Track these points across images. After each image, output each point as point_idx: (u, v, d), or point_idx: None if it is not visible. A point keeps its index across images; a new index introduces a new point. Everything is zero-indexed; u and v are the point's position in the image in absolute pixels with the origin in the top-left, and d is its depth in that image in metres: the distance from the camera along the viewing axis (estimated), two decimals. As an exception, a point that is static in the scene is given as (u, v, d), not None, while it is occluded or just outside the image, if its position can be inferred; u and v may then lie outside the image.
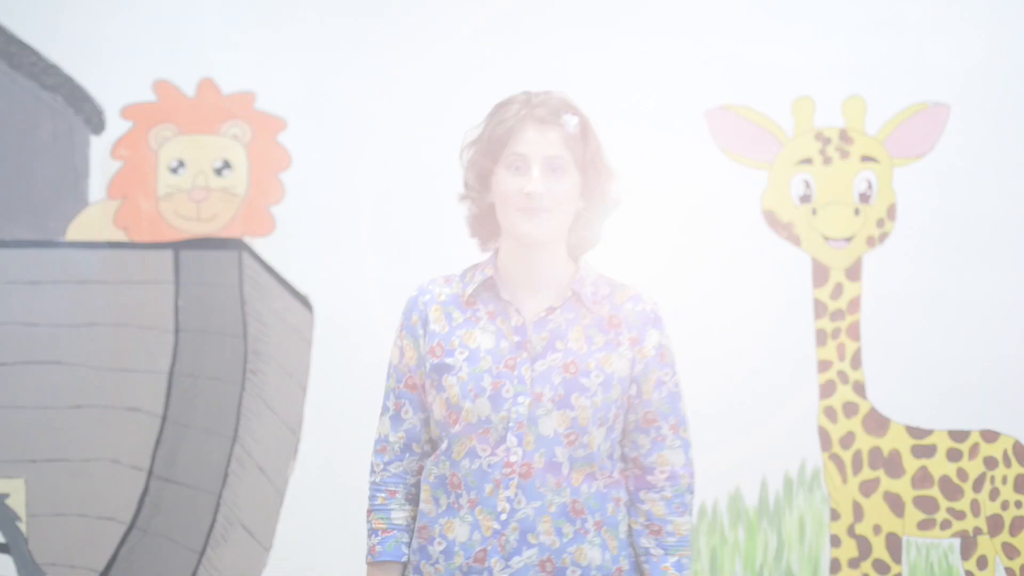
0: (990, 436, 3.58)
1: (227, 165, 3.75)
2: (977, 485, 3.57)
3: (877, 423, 3.60)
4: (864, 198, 3.64)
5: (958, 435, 3.58)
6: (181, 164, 3.75)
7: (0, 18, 3.76)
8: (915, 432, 3.60)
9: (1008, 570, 3.56)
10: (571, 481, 2.31)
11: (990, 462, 3.57)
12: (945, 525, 3.57)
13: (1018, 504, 3.56)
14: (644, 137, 3.69)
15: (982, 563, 3.56)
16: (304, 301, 3.72)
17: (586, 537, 2.32)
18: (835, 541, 3.61)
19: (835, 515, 3.61)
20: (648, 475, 2.38)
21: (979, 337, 3.59)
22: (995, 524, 3.56)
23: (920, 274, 3.62)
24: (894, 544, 3.59)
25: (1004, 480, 3.57)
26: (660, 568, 2.37)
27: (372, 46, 3.73)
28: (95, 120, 3.75)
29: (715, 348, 3.63)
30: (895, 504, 3.59)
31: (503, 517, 2.30)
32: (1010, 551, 3.56)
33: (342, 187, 3.73)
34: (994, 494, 3.57)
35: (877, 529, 3.59)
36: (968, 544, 3.57)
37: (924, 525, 3.58)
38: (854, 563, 3.59)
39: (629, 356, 2.35)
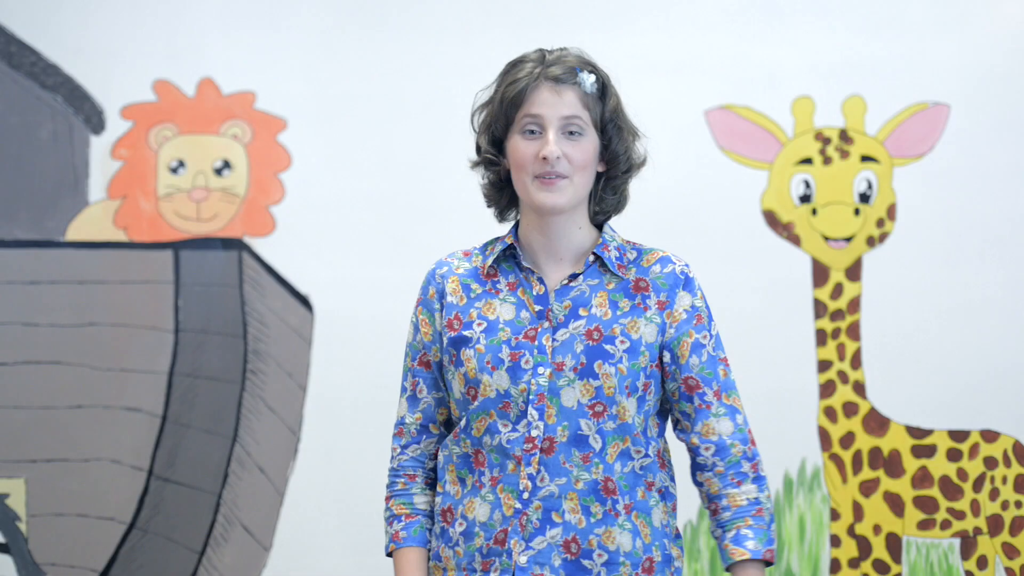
0: (990, 436, 3.58)
1: (227, 165, 3.75)
2: (977, 485, 3.57)
3: (877, 423, 3.60)
4: (864, 198, 3.64)
5: (958, 435, 3.58)
6: (181, 164, 3.75)
7: (0, 18, 3.76)
8: (915, 432, 3.60)
9: (1008, 570, 3.56)
10: (604, 457, 2.18)
11: (990, 462, 3.57)
12: (945, 525, 3.57)
13: (1018, 504, 3.56)
14: (644, 137, 3.69)
15: (982, 563, 3.56)
16: (304, 301, 3.72)
17: (616, 520, 2.18)
18: (835, 541, 3.61)
19: (835, 515, 3.61)
20: (698, 456, 2.25)
21: (979, 337, 3.59)
22: (995, 524, 3.56)
23: (920, 274, 3.62)
24: (894, 544, 3.59)
25: (1004, 480, 3.57)
26: (721, 548, 2.23)
27: (372, 45, 3.73)
28: (95, 120, 3.75)
29: (715, 348, 3.62)
30: (895, 504, 3.59)
31: (525, 496, 2.16)
32: (1010, 551, 3.56)
33: (342, 187, 3.73)
34: (994, 494, 3.57)
35: (877, 529, 3.59)
36: (968, 544, 3.57)
37: (924, 525, 3.58)
38: (854, 563, 3.59)
39: (658, 321, 2.22)
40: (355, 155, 3.73)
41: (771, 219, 3.66)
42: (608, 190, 2.29)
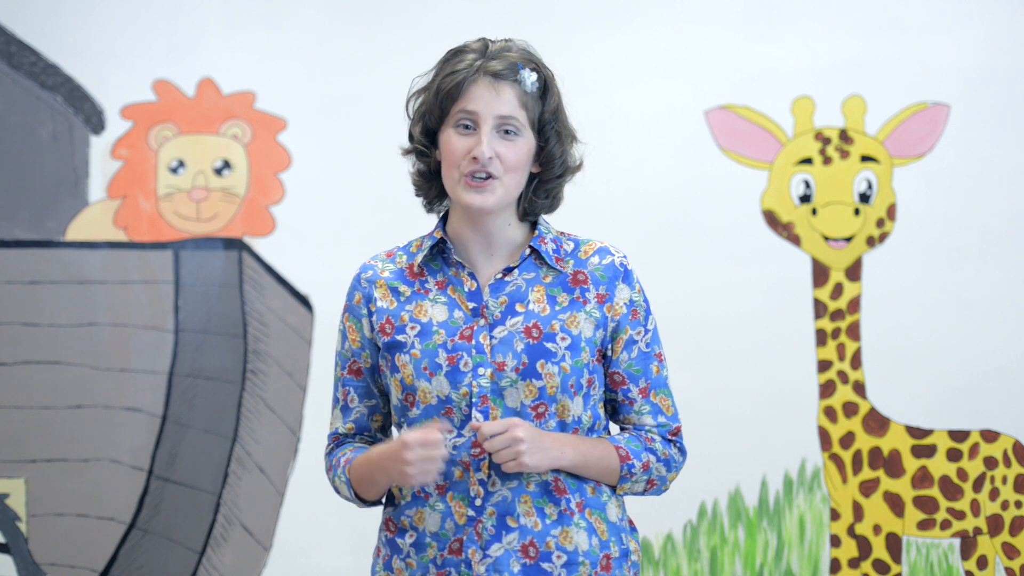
0: (990, 436, 3.58)
1: (227, 165, 3.75)
2: (977, 485, 3.57)
3: (877, 423, 3.60)
4: (864, 198, 3.64)
5: (958, 435, 3.58)
6: (181, 164, 3.75)
7: (0, 18, 3.76)
8: (915, 432, 3.60)
9: (1008, 570, 3.56)
10: None
11: (990, 462, 3.57)
12: (945, 525, 3.58)
13: (1018, 504, 3.56)
14: (644, 137, 3.69)
15: (982, 563, 3.56)
16: (304, 301, 3.72)
17: (572, 519, 2.12)
18: (835, 541, 3.61)
19: (835, 515, 3.61)
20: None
21: (979, 337, 3.59)
22: (995, 524, 3.56)
23: (920, 274, 3.62)
24: (894, 544, 3.59)
25: (1004, 480, 3.57)
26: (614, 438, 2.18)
27: (372, 45, 3.73)
28: (95, 120, 3.75)
29: (715, 348, 3.63)
30: (895, 504, 3.59)
31: (478, 502, 2.10)
32: (1010, 551, 3.56)
33: (342, 187, 3.73)
34: (994, 494, 3.57)
35: (877, 529, 3.59)
36: (968, 544, 3.57)
37: (924, 525, 3.58)
38: (854, 563, 3.59)
39: (597, 315, 2.14)
40: (355, 155, 3.73)
41: (771, 219, 3.66)
42: (540, 192, 2.19)
